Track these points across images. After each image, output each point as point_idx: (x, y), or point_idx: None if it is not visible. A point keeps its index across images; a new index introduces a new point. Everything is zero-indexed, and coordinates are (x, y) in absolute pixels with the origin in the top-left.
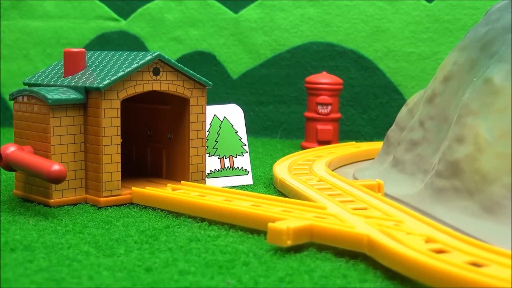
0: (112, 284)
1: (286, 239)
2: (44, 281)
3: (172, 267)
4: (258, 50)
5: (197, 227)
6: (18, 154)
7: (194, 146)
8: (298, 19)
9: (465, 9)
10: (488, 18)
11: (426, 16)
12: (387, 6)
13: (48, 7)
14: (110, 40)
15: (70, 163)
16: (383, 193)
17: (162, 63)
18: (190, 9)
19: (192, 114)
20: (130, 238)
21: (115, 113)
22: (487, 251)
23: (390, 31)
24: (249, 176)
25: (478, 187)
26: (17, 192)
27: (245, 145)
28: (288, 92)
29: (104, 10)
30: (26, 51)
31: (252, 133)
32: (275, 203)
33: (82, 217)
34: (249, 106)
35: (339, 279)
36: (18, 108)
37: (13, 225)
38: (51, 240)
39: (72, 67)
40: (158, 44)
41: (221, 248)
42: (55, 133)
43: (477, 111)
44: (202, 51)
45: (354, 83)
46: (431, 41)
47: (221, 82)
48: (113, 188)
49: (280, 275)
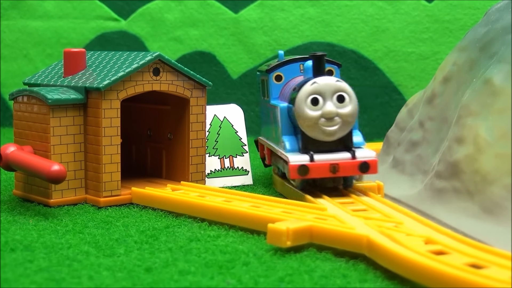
0: (112, 284)
1: (285, 240)
2: (44, 281)
3: (172, 267)
4: (258, 50)
5: (197, 227)
6: (18, 154)
7: (194, 146)
8: (298, 19)
9: (465, 9)
10: (487, 18)
11: (426, 16)
12: (387, 6)
13: (48, 7)
14: (110, 40)
15: (70, 163)
16: (383, 194)
17: (162, 63)
18: (190, 9)
19: (192, 114)
20: (130, 238)
21: (115, 113)
22: (487, 252)
23: (390, 31)
24: (249, 176)
25: (478, 188)
26: (17, 192)
27: (245, 145)
28: None
29: (104, 10)
30: (26, 51)
31: (252, 133)
32: (275, 204)
33: (82, 217)
34: (249, 106)
35: (339, 279)
36: (18, 108)
37: (13, 225)
38: (51, 240)
39: (72, 67)
40: (158, 44)
41: (221, 248)
42: (55, 133)
43: (476, 111)
44: (202, 51)
45: (354, 83)
46: (431, 41)
47: (221, 82)
48: (113, 188)
49: (280, 275)
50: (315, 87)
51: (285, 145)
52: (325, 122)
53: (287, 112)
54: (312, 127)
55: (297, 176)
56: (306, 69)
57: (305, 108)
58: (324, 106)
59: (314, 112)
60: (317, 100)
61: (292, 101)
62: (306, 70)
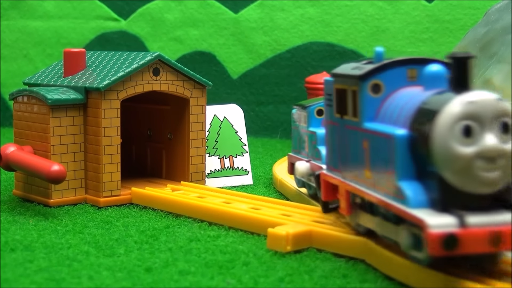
0: (112, 284)
1: (285, 244)
2: (44, 281)
3: (172, 267)
4: (258, 50)
5: (197, 227)
6: (18, 154)
7: (194, 146)
8: (298, 19)
9: (465, 9)
10: (487, 18)
11: (426, 16)
12: (387, 6)
13: (48, 7)
14: (110, 40)
15: (70, 163)
16: None
17: (162, 63)
18: (190, 9)
19: (192, 114)
20: (130, 238)
21: (115, 113)
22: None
23: (390, 31)
24: (249, 176)
25: None
26: (17, 192)
27: (245, 145)
28: (288, 92)
29: (104, 10)
30: (26, 51)
31: (252, 133)
32: (275, 206)
33: (82, 217)
34: (249, 106)
35: (339, 279)
36: (18, 108)
37: (13, 225)
38: (51, 240)
39: (72, 67)
40: (158, 44)
41: (221, 248)
42: (55, 133)
43: None
44: (202, 51)
45: None
46: (431, 41)
47: (221, 82)
48: (113, 188)
49: (280, 275)
50: (468, 109)
51: (406, 196)
52: (484, 165)
53: (409, 144)
54: (463, 173)
55: (441, 252)
56: (429, 77)
57: (453, 141)
58: (483, 139)
59: (467, 149)
60: (471, 129)
61: (419, 127)
62: (428, 79)
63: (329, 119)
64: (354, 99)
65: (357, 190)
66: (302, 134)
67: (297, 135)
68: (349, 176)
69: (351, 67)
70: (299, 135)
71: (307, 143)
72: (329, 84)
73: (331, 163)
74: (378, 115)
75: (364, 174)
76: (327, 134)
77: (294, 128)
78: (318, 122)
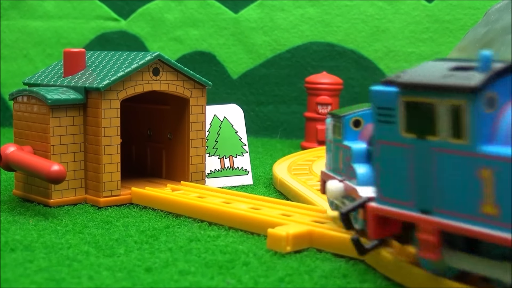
0: (112, 284)
1: (285, 245)
2: (44, 281)
3: (172, 267)
4: (258, 50)
5: (197, 227)
6: (17, 154)
7: (194, 146)
8: (298, 19)
9: (465, 9)
10: (487, 18)
11: (426, 16)
12: (387, 6)
13: (48, 7)
14: (110, 40)
15: (70, 163)
16: None
17: (162, 63)
18: (190, 9)
19: (192, 114)
20: (130, 238)
21: (114, 113)
22: None
23: (390, 31)
24: (249, 176)
25: None
26: (17, 192)
27: (245, 145)
28: (288, 92)
29: (104, 10)
30: (26, 51)
31: (252, 133)
32: (275, 206)
33: (82, 217)
34: (249, 106)
35: (339, 279)
36: (18, 108)
37: (13, 225)
38: (51, 240)
39: (72, 67)
40: (158, 44)
41: (221, 248)
42: (55, 133)
43: None
44: (202, 51)
45: (354, 83)
46: (431, 41)
47: (221, 82)
48: (113, 188)
49: (280, 275)
50: None
51: None
52: None
53: None
54: None
55: None
56: None
57: None
58: None
59: None
60: None
61: None
62: None
63: (386, 139)
64: (458, 117)
65: (464, 230)
66: (336, 148)
67: (331, 149)
68: (445, 212)
69: (435, 75)
70: (333, 149)
71: (341, 160)
72: (384, 95)
73: (393, 194)
74: (494, 136)
75: (482, 209)
76: (380, 157)
77: (328, 141)
78: (355, 134)
